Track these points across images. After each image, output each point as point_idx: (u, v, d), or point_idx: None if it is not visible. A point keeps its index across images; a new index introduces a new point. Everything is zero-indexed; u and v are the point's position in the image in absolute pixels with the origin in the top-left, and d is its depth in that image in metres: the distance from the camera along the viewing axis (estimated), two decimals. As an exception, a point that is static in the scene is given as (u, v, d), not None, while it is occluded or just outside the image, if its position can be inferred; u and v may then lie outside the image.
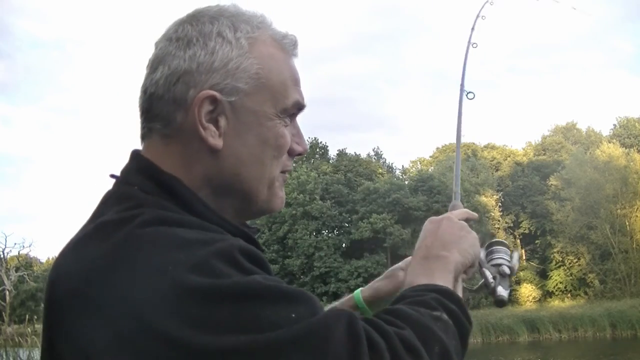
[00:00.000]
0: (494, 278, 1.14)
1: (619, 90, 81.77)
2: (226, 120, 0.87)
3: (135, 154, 0.91)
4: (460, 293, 1.01)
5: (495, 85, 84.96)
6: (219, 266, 0.72)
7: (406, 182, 45.26)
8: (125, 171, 0.90)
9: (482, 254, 1.16)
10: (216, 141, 0.86)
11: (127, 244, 0.75)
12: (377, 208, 39.50)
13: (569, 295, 41.95)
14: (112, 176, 0.91)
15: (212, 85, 0.86)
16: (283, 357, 0.68)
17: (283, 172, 0.94)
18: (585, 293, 40.47)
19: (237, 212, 0.92)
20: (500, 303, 1.13)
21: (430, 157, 56.94)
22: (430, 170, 49.75)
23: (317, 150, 47.08)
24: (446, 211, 1.19)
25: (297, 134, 0.95)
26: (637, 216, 38.90)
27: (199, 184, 0.87)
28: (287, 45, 0.94)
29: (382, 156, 53.15)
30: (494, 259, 1.17)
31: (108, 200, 0.86)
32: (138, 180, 0.86)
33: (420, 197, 40.37)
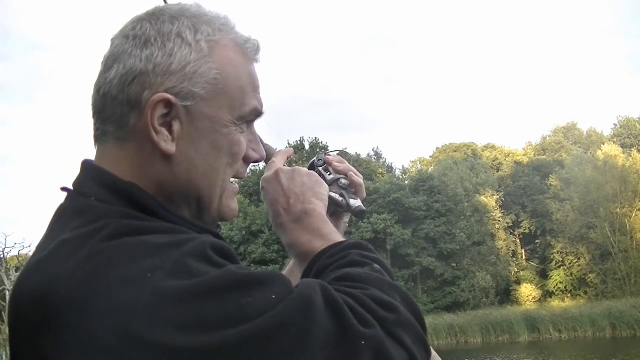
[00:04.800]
0: (341, 196, 1.10)
1: (620, 90, 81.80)
2: (180, 125, 0.84)
3: (86, 164, 0.88)
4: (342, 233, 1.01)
5: (495, 85, 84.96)
6: (195, 265, 0.71)
7: (406, 182, 45.25)
8: (78, 182, 0.86)
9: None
10: (168, 146, 0.83)
11: (94, 260, 0.72)
12: (377, 208, 39.49)
13: (569, 295, 41.94)
14: (64, 189, 0.86)
15: (167, 88, 0.83)
16: (275, 341, 0.68)
17: (236, 178, 0.92)
18: (585, 293, 40.47)
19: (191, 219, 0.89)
20: (360, 213, 1.11)
21: (430, 157, 57.01)
22: (430, 170, 49.73)
23: (318, 150, 47.05)
24: (446, 211, 1.18)
25: (254, 140, 0.94)
26: (637, 216, 38.89)
27: (153, 190, 0.84)
28: (248, 51, 0.91)
29: (382, 156, 53.23)
30: (329, 177, 1.13)
31: (63, 215, 0.82)
32: (94, 190, 0.82)
33: (421, 197, 40.33)
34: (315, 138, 45.48)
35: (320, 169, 1.15)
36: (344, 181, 1.12)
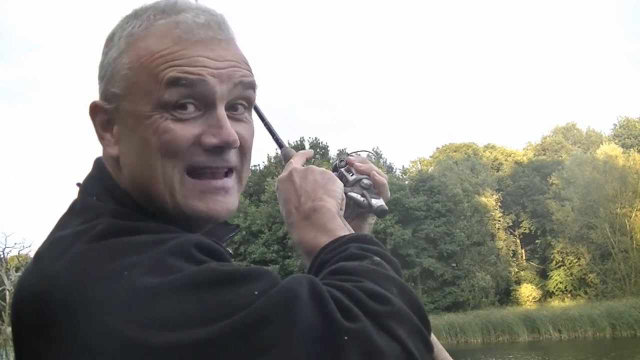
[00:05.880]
0: (362, 195, 1.11)
1: (620, 90, 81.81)
2: (118, 127, 0.86)
3: (95, 162, 0.91)
4: (351, 229, 1.00)
5: (495, 85, 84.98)
6: (174, 262, 0.71)
7: (406, 182, 45.24)
8: (86, 180, 0.90)
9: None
10: (111, 149, 0.87)
11: (79, 260, 0.73)
12: (377, 208, 39.36)
13: (569, 295, 41.93)
14: (79, 184, 0.90)
15: (101, 93, 0.87)
16: (255, 336, 0.67)
17: (204, 168, 0.84)
18: (585, 293, 40.45)
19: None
20: (382, 213, 1.11)
21: (430, 157, 57.00)
22: (430, 170, 49.73)
23: (318, 150, 47.03)
24: (446, 211, 1.17)
25: (215, 124, 0.84)
26: (637, 216, 38.87)
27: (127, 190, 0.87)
28: (182, 33, 0.83)
29: (382, 156, 53.20)
30: (351, 178, 1.14)
31: (71, 211, 0.86)
32: (96, 189, 0.87)
33: (421, 197, 40.32)
34: (316, 138, 45.48)
35: (343, 170, 1.16)
36: (366, 181, 1.13)
